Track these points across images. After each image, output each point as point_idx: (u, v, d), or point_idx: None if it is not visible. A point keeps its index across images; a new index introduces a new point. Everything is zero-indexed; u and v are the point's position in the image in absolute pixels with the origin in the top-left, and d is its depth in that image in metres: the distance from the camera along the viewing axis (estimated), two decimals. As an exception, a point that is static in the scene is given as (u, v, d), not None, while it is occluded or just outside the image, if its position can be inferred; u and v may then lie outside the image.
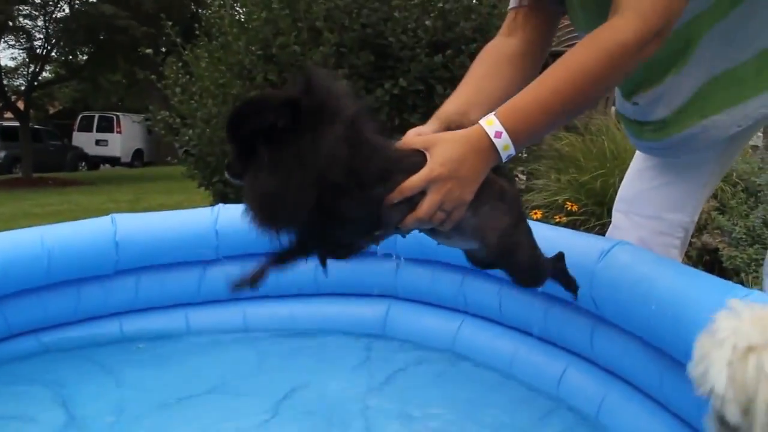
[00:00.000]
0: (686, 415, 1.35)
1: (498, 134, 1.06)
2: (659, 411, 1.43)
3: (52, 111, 28.29)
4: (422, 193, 1.07)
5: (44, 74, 18.49)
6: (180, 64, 4.78)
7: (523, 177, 4.89)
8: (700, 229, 3.68)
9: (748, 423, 0.76)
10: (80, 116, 22.30)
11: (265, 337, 2.14)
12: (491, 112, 1.11)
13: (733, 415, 0.77)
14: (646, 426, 1.45)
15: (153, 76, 4.89)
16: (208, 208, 2.19)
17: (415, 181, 1.05)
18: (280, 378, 1.83)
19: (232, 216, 2.19)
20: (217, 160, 3.98)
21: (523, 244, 1.24)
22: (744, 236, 3.61)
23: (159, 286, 2.16)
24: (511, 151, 1.08)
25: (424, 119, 1.23)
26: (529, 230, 1.27)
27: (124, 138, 21.62)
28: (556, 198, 4.03)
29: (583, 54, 1.10)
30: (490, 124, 1.08)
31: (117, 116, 21.59)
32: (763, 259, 2.69)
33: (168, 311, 2.19)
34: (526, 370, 1.81)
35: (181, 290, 2.19)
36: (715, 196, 3.81)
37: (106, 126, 21.60)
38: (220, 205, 2.20)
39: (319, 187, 0.99)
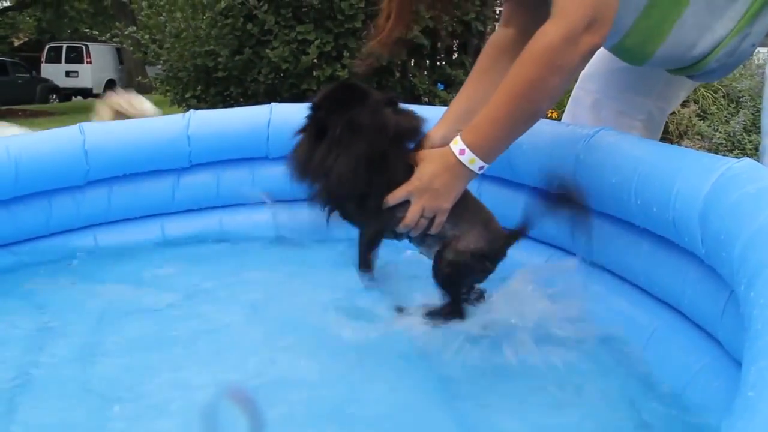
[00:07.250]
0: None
1: (461, 151, 1.22)
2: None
3: (17, 43, 27.27)
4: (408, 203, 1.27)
5: (3, 3, 17.63)
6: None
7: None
8: (681, 134, 3.67)
9: None
10: (47, 47, 21.43)
11: (244, 244, 2.10)
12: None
13: None
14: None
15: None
16: (179, 115, 2.12)
17: (398, 192, 1.26)
18: (261, 284, 1.80)
19: (205, 122, 2.12)
20: (188, 76, 3.84)
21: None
22: (724, 141, 3.61)
23: (132, 196, 2.11)
24: (479, 163, 1.22)
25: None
26: None
27: (94, 68, 20.90)
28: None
29: (519, 64, 1.20)
30: (455, 143, 1.24)
31: (86, 46, 20.79)
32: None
33: (143, 222, 2.15)
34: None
35: (155, 200, 2.14)
36: (696, 102, 3.79)
37: (76, 57, 20.83)
38: (192, 111, 2.13)
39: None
